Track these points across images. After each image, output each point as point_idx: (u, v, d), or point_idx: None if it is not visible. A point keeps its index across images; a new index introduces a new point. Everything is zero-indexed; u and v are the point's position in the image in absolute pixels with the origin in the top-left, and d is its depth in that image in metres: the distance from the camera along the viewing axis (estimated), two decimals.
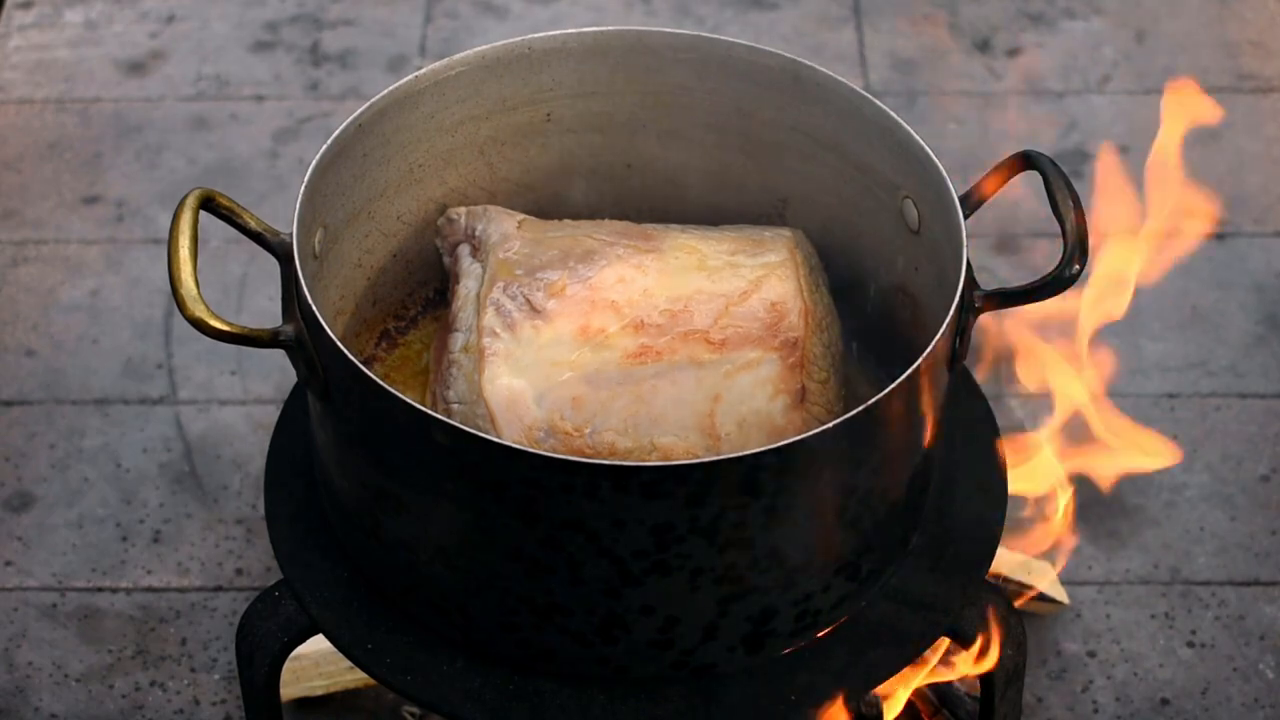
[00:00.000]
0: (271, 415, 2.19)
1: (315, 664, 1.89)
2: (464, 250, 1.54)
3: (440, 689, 1.40)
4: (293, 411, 1.58)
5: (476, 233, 1.54)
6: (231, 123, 2.64)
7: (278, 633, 1.47)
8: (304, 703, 1.93)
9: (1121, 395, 2.24)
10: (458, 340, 1.46)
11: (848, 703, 1.45)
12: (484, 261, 1.50)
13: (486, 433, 1.40)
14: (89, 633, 2.01)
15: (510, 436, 1.40)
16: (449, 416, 1.42)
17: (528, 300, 1.47)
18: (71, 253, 2.45)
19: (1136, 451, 1.79)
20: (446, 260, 1.58)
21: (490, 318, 1.46)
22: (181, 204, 1.36)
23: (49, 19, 2.84)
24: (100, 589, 2.06)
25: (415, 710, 1.92)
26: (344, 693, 1.93)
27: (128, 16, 2.84)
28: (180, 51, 2.77)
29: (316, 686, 1.91)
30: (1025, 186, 1.60)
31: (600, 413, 1.41)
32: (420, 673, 1.41)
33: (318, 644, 1.81)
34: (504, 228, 1.52)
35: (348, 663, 1.68)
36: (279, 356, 2.25)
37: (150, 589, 2.06)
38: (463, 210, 1.57)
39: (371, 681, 1.88)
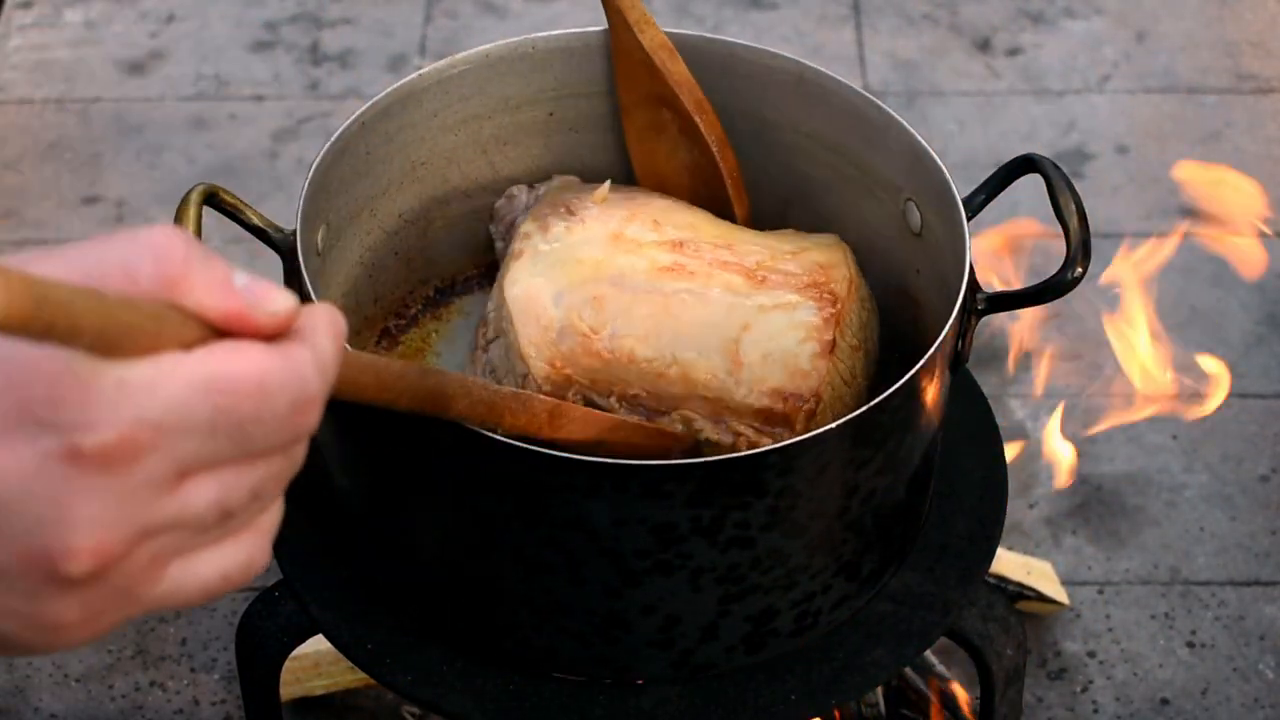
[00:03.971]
0: None
1: (315, 664, 1.89)
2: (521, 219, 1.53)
3: (440, 689, 1.40)
4: None
5: (539, 194, 1.54)
6: (231, 123, 2.64)
7: (278, 633, 1.47)
8: (304, 703, 1.93)
9: (1121, 395, 2.24)
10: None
11: (847, 703, 1.45)
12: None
13: (511, 345, 1.39)
14: None
15: (527, 338, 1.39)
16: (485, 353, 1.42)
17: (566, 206, 1.47)
18: None
19: None
20: (499, 245, 1.56)
21: (527, 224, 1.46)
22: (186, 199, 1.36)
23: (49, 19, 2.84)
24: None
25: (415, 710, 1.92)
26: (344, 693, 1.93)
27: (128, 16, 2.84)
28: (180, 51, 2.77)
29: (316, 686, 1.91)
30: (1026, 188, 1.60)
31: (622, 316, 1.39)
32: (420, 673, 1.41)
33: (318, 644, 1.81)
34: (570, 188, 1.52)
35: (348, 663, 1.68)
36: None
37: None
38: (523, 186, 1.57)
39: (371, 681, 1.88)
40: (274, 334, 0.74)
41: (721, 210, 1.54)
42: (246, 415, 0.72)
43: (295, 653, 1.54)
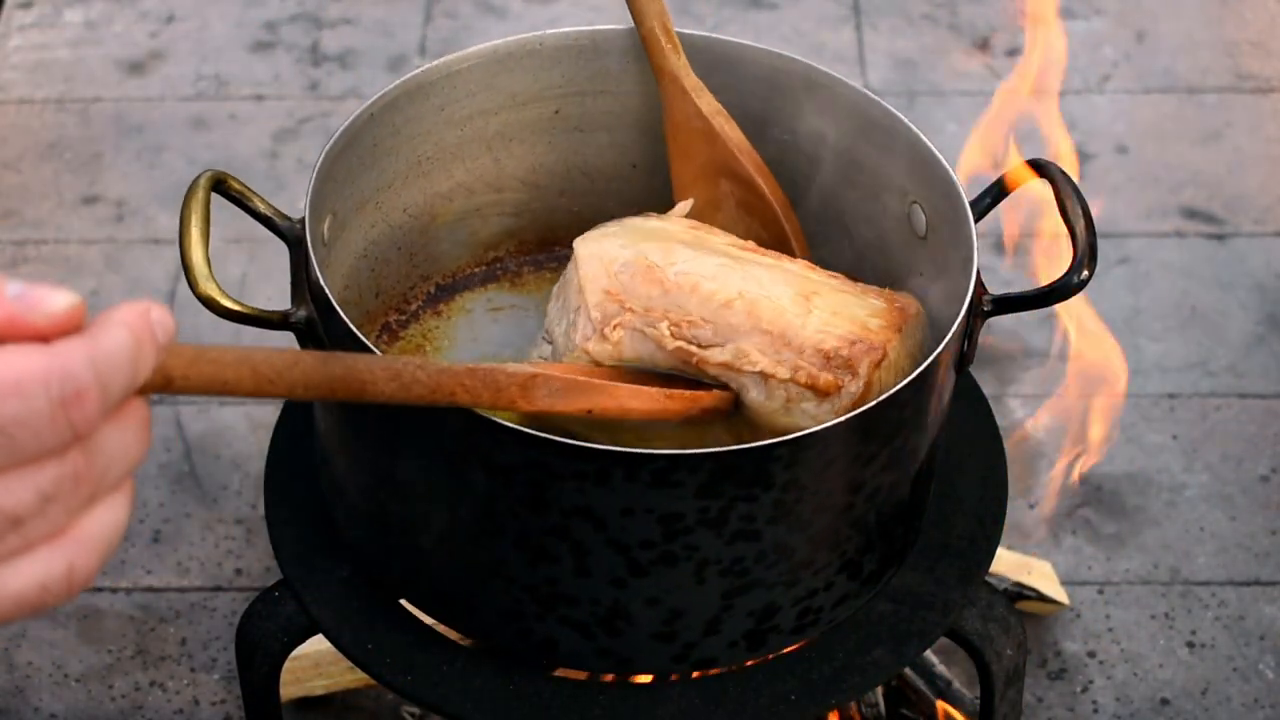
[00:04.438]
0: (271, 415, 2.19)
1: (315, 664, 1.89)
2: None
3: (440, 689, 1.40)
4: (293, 411, 1.58)
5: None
6: (231, 123, 2.64)
7: (278, 633, 1.47)
8: (304, 703, 1.93)
9: (1119, 394, 2.24)
10: None
11: (847, 702, 1.45)
12: None
13: (570, 282, 1.39)
14: (89, 633, 2.01)
15: (588, 272, 1.38)
16: (545, 331, 1.43)
17: (647, 214, 1.48)
18: (71, 253, 2.45)
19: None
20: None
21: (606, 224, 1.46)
22: (194, 184, 1.36)
23: (49, 19, 2.84)
24: (100, 589, 2.06)
25: (415, 710, 1.92)
26: (344, 693, 1.93)
27: (128, 16, 2.84)
28: (180, 51, 2.77)
29: (316, 686, 1.91)
30: (1026, 187, 1.60)
31: (692, 261, 1.39)
32: (420, 673, 1.41)
33: (318, 644, 1.81)
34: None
35: (348, 663, 1.68)
36: None
37: (150, 589, 2.06)
38: None
39: (371, 681, 1.88)
40: (56, 334, 0.72)
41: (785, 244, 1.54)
42: (6, 417, 0.70)
43: (295, 653, 1.54)
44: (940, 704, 1.85)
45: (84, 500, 0.74)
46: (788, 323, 1.35)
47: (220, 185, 1.39)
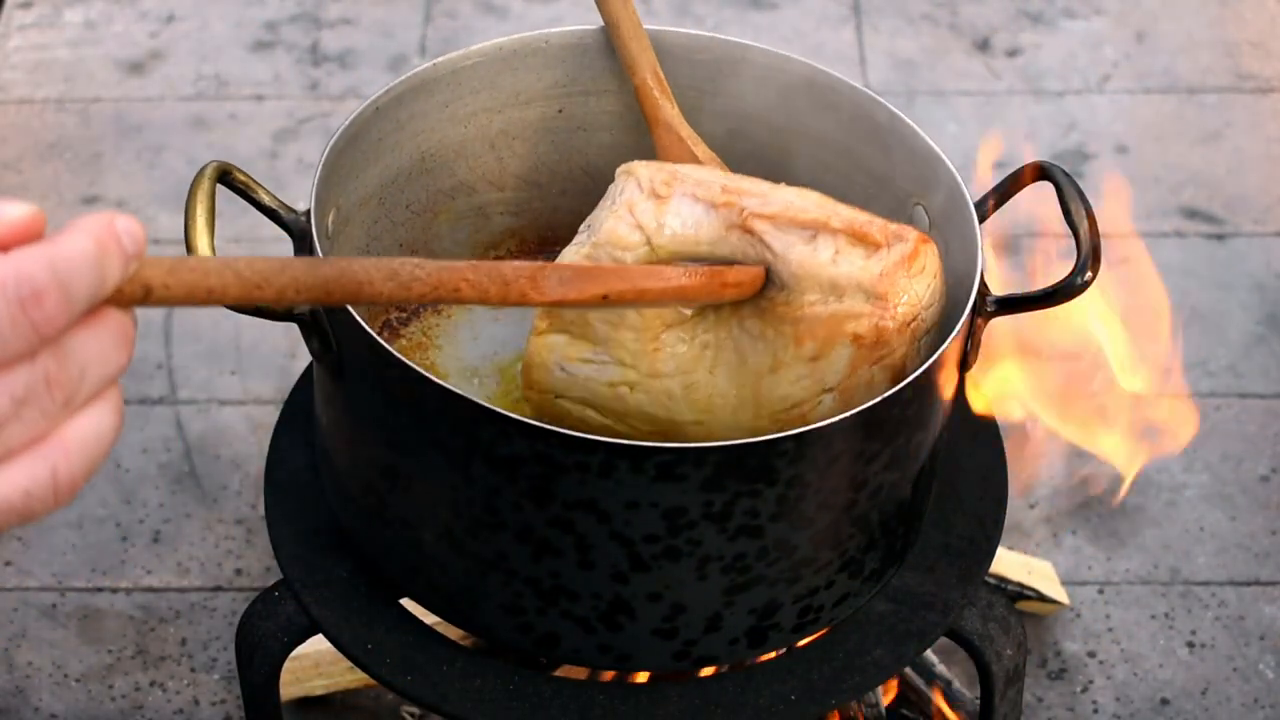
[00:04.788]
0: (271, 415, 2.19)
1: (315, 664, 1.89)
2: None
3: (440, 689, 1.40)
4: (292, 412, 1.58)
5: None
6: (231, 123, 2.64)
7: (278, 633, 1.47)
8: (304, 703, 1.93)
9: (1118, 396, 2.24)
10: None
11: (847, 702, 1.45)
12: None
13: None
14: (89, 633, 2.01)
15: (641, 165, 1.37)
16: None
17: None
18: None
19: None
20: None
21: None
22: (200, 175, 1.36)
23: (49, 19, 2.84)
24: (100, 589, 2.06)
25: (415, 710, 1.92)
26: (344, 693, 1.93)
27: (128, 16, 2.84)
28: (180, 51, 2.77)
29: (316, 686, 1.91)
30: (1026, 188, 1.60)
31: (736, 179, 1.38)
32: (420, 673, 1.41)
33: (318, 644, 1.81)
34: None
35: (348, 663, 1.68)
36: (279, 357, 2.25)
37: (150, 589, 2.06)
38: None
39: (371, 681, 1.88)
40: (14, 243, 0.74)
41: None
42: None
43: (295, 653, 1.54)
44: (939, 701, 1.85)
45: (61, 405, 0.75)
46: (820, 208, 1.33)
47: (225, 177, 1.39)
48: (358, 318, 1.30)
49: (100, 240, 0.75)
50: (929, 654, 1.87)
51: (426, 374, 1.27)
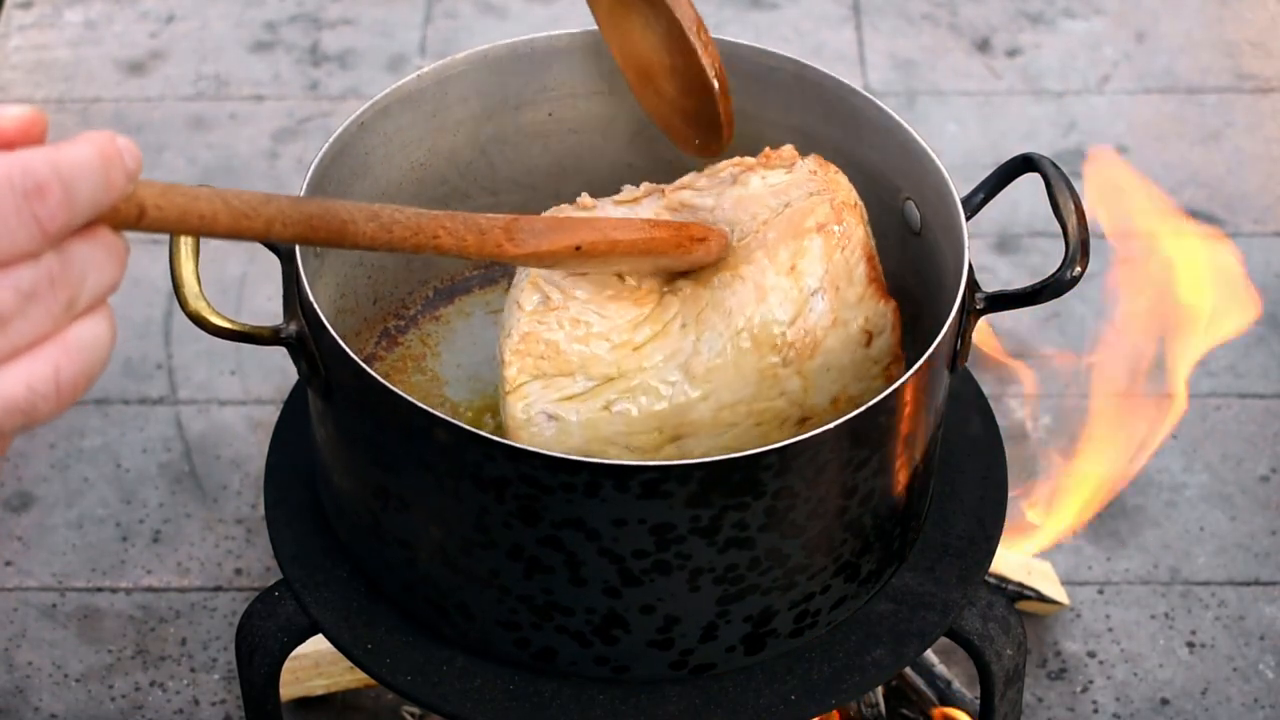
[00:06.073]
0: (271, 415, 2.19)
1: (315, 664, 1.89)
2: None
3: (440, 689, 1.40)
4: (292, 412, 1.58)
5: None
6: (231, 123, 2.64)
7: (278, 633, 1.47)
8: (304, 703, 1.93)
9: (1121, 395, 2.24)
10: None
11: (847, 703, 1.45)
12: None
13: None
14: (89, 633, 2.01)
15: None
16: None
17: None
18: None
19: None
20: None
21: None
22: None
23: (49, 19, 2.84)
24: (100, 589, 2.06)
25: (415, 710, 1.92)
26: (344, 693, 1.93)
27: (128, 16, 2.84)
28: (180, 51, 2.77)
29: (316, 686, 1.91)
30: (1025, 187, 1.60)
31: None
32: (420, 673, 1.41)
33: (318, 644, 1.81)
34: None
35: (348, 663, 1.68)
36: (278, 357, 2.25)
37: (150, 589, 2.06)
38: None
39: (371, 681, 1.88)
40: (18, 143, 0.75)
41: (701, 76, 1.50)
42: None
43: (295, 653, 1.54)
44: (939, 701, 1.85)
45: (64, 306, 0.77)
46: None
47: None
48: (342, 344, 1.30)
49: (104, 150, 0.77)
50: (929, 654, 1.87)
51: (409, 398, 1.27)
